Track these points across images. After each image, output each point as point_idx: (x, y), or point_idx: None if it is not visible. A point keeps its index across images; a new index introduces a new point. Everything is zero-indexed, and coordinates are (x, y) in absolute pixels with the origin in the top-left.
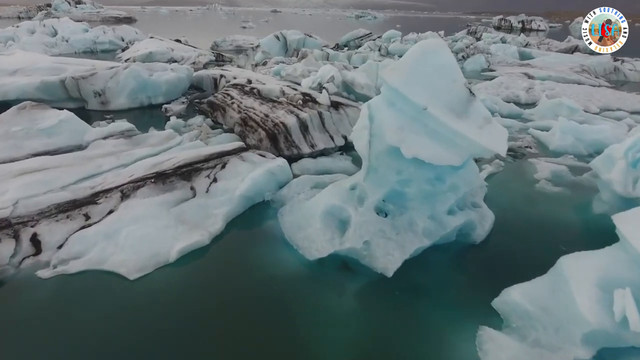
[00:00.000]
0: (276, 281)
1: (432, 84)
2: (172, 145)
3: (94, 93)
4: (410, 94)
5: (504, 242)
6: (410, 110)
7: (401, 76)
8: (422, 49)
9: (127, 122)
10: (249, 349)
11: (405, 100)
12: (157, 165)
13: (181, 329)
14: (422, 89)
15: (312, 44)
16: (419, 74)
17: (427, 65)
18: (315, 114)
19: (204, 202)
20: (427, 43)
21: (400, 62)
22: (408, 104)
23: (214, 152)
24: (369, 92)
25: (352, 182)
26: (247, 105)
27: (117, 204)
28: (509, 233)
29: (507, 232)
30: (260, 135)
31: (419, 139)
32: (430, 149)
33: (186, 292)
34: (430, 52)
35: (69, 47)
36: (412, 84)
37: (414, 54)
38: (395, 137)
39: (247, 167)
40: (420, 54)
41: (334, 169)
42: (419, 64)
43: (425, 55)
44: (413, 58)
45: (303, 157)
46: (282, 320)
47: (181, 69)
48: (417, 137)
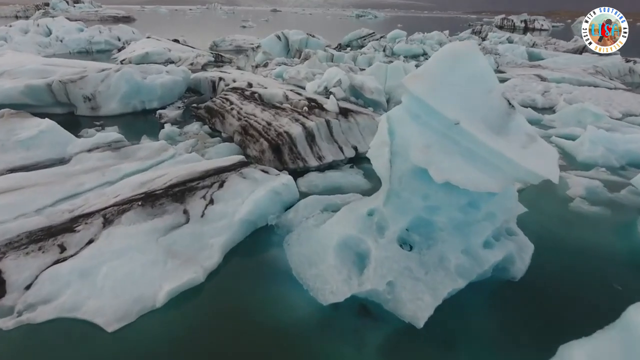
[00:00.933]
0: (283, 331)
1: (464, 94)
2: (164, 158)
3: (84, 98)
4: (439, 106)
5: (547, 278)
6: (439, 124)
7: (428, 85)
8: (452, 53)
9: (115, 133)
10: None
11: (433, 113)
12: (146, 184)
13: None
14: (453, 100)
15: (315, 44)
16: (448, 82)
17: (458, 71)
18: (323, 122)
19: (198, 229)
20: (456, 46)
21: (425, 68)
22: (436, 118)
23: (211, 169)
24: (379, 97)
25: (370, 207)
26: (248, 112)
27: (98, 232)
28: (551, 267)
29: (548, 265)
30: (262, 145)
31: (451, 160)
32: (465, 172)
33: (175, 346)
34: (461, 56)
35: (63, 47)
36: (440, 94)
37: (442, 58)
38: (422, 157)
39: (248, 185)
40: (449, 58)
41: (345, 185)
42: (449, 70)
43: (456, 60)
44: (441, 63)
45: (309, 171)
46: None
47: (177, 71)
48: (449, 157)
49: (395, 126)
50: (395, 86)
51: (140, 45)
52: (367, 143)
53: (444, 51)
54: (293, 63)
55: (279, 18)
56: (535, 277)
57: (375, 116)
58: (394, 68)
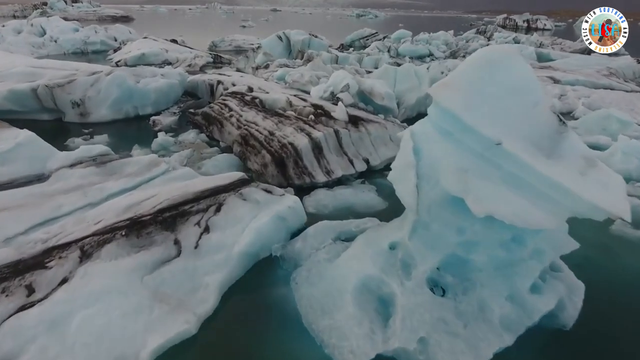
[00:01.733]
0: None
1: (504, 108)
2: (155, 174)
3: (72, 103)
4: (476, 122)
5: (603, 325)
6: (476, 144)
7: (460, 96)
8: (488, 59)
9: (100, 145)
10: None
11: (469, 131)
12: (132, 208)
13: None
14: (492, 115)
15: (318, 45)
16: (485, 93)
17: (496, 81)
18: (331, 132)
19: (191, 264)
20: (493, 51)
21: (456, 76)
22: (473, 136)
23: (207, 189)
24: (390, 103)
25: (392, 239)
26: (248, 120)
27: (73, 268)
28: (605, 310)
29: (602, 308)
30: (264, 158)
31: (493, 189)
32: (511, 204)
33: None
34: (499, 62)
35: (57, 47)
36: (476, 107)
37: (477, 65)
38: (457, 184)
39: (249, 209)
40: (485, 65)
41: (357, 204)
42: (485, 79)
43: (493, 67)
44: (475, 71)
45: (317, 187)
46: None
47: (173, 74)
48: (489, 185)
49: (422, 144)
50: (405, 90)
51: (137, 46)
52: (379, 155)
53: (479, 56)
54: (295, 65)
55: (279, 17)
56: (589, 324)
57: (387, 125)
58: (403, 71)
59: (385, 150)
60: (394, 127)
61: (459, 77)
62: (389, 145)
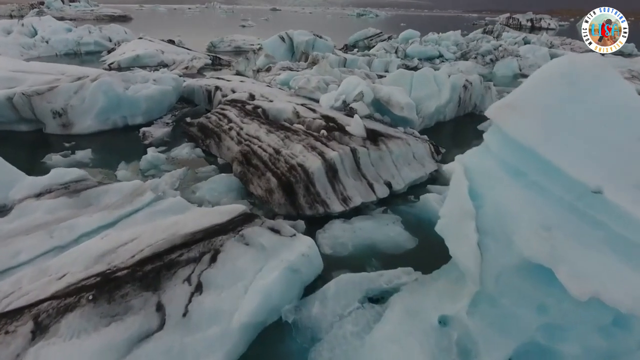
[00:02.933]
0: None
1: (599, 141)
2: (138, 206)
3: (53, 113)
4: (563, 161)
5: None
6: (565, 191)
7: (536, 123)
8: (569, 72)
9: (75, 170)
10: None
11: (553, 173)
12: (105, 257)
13: None
14: (583, 151)
15: (323, 46)
16: (569, 119)
17: (584, 103)
18: (347, 151)
19: (178, 341)
20: (574, 62)
21: (526, 96)
22: (559, 180)
23: (200, 229)
24: (410, 114)
25: (442, 312)
26: (250, 134)
27: (21, 349)
28: None
29: None
30: (269, 183)
31: (596, 258)
32: (627, 282)
33: None
34: (585, 78)
35: (49, 48)
36: (560, 139)
37: (554, 81)
38: (541, 249)
39: (252, 258)
40: (565, 81)
41: (381, 242)
42: (568, 100)
43: (578, 85)
44: (553, 89)
45: (331, 217)
46: None
47: (167, 79)
48: (590, 252)
49: (482, 186)
50: (423, 97)
51: (131, 47)
52: (402, 177)
53: (554, 69)
54: (299, 67)
55: (278, 17)
56: None
57: (409, 140)
58: (421, 76)
59: (408, 171)
60: (416, 143)
61: (530, 97)
62: (412, 164)
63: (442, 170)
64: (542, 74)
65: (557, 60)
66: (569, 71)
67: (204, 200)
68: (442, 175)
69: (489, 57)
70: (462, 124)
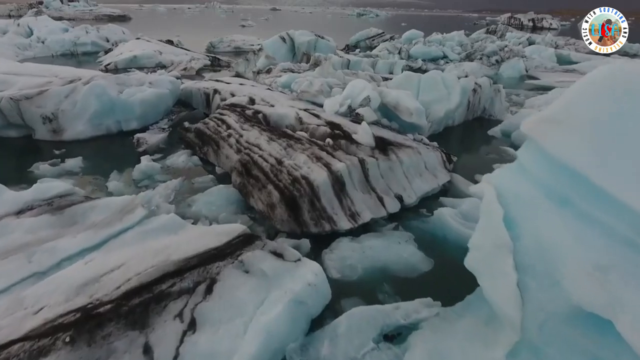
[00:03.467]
0: None
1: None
2: (127, 225)
3: (43, 118)
4: (621, 189)
5: None
6: (624, 225)
7: (585, 142)
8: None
9: (61, 183)
10: None
11: (608, 202)
12: (88, 287)
13: None
14: None
15: (325, 46)
16: (622, 138)
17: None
18: (355, 162)
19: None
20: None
21: (569, 108)
22: (616, 211)
23: (194, 254)
24: (420, 120)
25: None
26: (250, 141)
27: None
28: None
29: None
30: (270, 196)
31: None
32: None
33: None
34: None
35: (45, 49)
36: (615, 162)
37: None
38: (596, 294)
39: (252, 288)
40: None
41: (394, 263)
42: (619, 115)
43: (632, 97)
44: (602, 101)
45: (338, 234)
46: None
47: (163, 81)
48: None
49: (519, 214)
50: (431, 101)
51: (129, 48)
52: (414, 190)
53: (602, 79)
54: (301, 69)
55: (278, 17)
56: None
57: (420, 149)
58: (429, 79)
59: (420, 183)
60: (428, 151)
61: (574, 111)
62: (424, 175)
63: (455, 180)
64: (586, 84)
65: (602, 69)
66: (618, 82)
67: (200, 214)
68: (455, 186)
69: (495, 58)
70: (471, 128)
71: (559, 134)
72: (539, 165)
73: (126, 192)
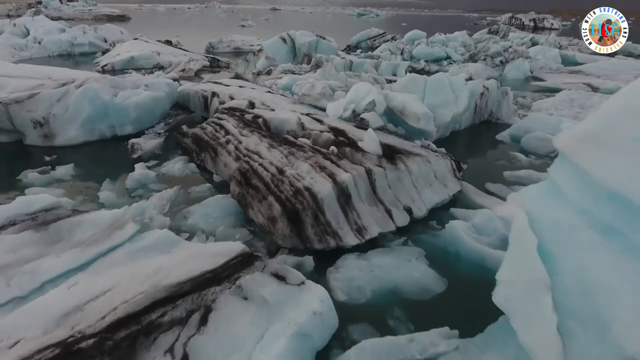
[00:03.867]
0: None
1: None
2: (116, 242)
3: (34, 123)
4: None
5: None
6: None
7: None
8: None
9: (47, 196)
10: None
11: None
12: (69, 317)
13: None
14: None
15: (326, 47)
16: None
17: None
18: (362, 173)
19: None
20: None
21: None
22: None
23: (188, 278)
24: (427, 126)
25: None
26: (250, 148)
27: None
28: None
29: None
30: (271, 209)
31: None
32: None
33: None
34: None
35: (41, 49)
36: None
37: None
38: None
39: (251, 318)
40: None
41: (404, 283)
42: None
43: None
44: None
45: (344, 250)
46: None
47: (160, 84)
48: None
49: (557, 245)
50: (437, 105)
51: (126, 48)
52: (424, 201)
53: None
54: (302, 70)
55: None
56: None
57: (429, 157)
58: (435, 82)
59: (430, 194)
60: (437, 160)
61: (618, 128)
62: (434, 185)
63: (465, 189)
64: (627, 98)
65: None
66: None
67: (196, 228)
68: (466, 195)
69: (499, 59)
70: (478, 132)
71: (601, 154)
72: (578, 188)
73: (118, 202)
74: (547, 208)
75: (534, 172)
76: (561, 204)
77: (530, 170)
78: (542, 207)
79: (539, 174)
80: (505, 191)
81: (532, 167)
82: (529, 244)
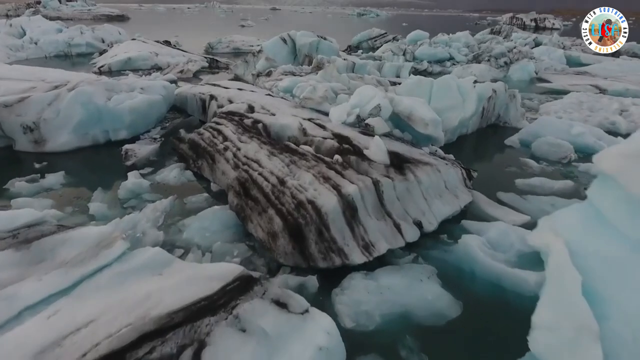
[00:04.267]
0: None
1: None
2: (104, 262)
3: (24, 128)
4: None
5: None
6: None
7: None
8: None
9: (31, 211)
10: None
11: None
12: (46, 355)
13: None
14: None
15: (328, 48)
16: None
17: None
18: (369, 184)
19: None
20: None
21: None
22: None
23: (180, 307)
24: (436, 132)
25: None
26: (249, 156)
27: None
28: None
29: None
30: (272, 223)
31: None
32: None
33: None
34: None
35: (38, 50)
36: None
37: None
38: None
39: (250, 355)
40: None
41: (417, 309)
42: None
43: None
44: None
45: (350, 269)
46: None
47: (156, 87)
48: None
49: (606, 283)
50: (444, 109)
51: (124, 49)
52: (434, 213)
53: None
54: (302, 72)
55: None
56: None
57: (439, 166)
58: (442, 84)
59: (440, 205)
60: (447, 168)
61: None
62: (444, 196)
63: (476, 199)
64: None
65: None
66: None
67: (192, 243)
68: (477, 205)
69: (503, 60)
70: (486, 137)
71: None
72: (628, 217)
73: (110, 214)
74: (591, 239)
75: (546, 180)
76: (608, 235)
77: (542, 178)
78: (585, 238)
79: (552, 182)
80: (518, 201)
81: (544, 174)
82: (572, 282)
